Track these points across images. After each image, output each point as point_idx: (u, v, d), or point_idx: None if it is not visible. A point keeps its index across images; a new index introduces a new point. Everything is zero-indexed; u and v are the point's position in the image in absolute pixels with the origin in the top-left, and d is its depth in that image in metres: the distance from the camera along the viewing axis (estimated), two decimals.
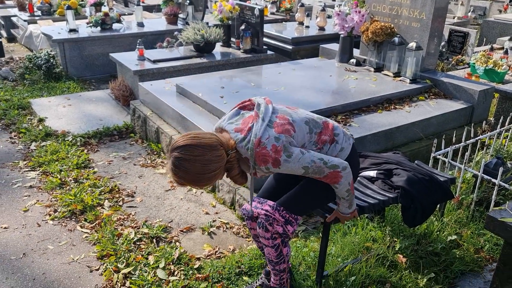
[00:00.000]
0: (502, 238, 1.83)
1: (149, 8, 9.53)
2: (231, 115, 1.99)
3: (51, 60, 6.00)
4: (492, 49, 6.34)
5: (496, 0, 11.73)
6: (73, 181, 3.56)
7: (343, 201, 2.07)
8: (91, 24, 6.48)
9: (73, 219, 3.12)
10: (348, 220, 2.20)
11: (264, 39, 6.30)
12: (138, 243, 2.86)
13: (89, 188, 3.45)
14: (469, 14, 10.03)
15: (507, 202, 1.86)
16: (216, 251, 2.82)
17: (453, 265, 2.58)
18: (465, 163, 3.02)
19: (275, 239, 2.07)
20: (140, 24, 6.99)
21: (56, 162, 3.82)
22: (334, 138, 2.03)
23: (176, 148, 1.80)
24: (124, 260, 2.68)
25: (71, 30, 6.32)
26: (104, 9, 7.42)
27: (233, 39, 6.06)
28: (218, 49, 5.90)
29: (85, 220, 3.10)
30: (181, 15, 7.22)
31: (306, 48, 6.71)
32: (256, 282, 2.41)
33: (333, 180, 1.94)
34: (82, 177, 3.62)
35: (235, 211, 3.22)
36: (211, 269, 2.59)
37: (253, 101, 1.99)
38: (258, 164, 1.83)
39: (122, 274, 2.57)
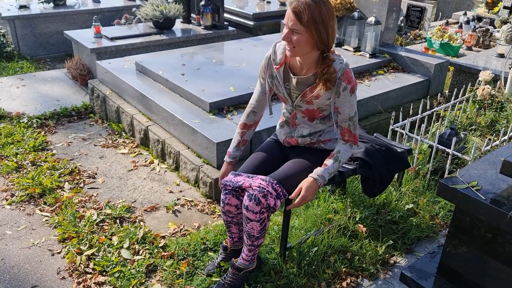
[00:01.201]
0: (453, 203, 1.92)
1: None
2: None
3: (1, 39, 5.72)
4: (447, 23, 6.51)
5: None
6: (30, 164, 3.45)
7: (335, 165, 2.11)
8: (43, 0, 6.18)
9: (32, 203, 3.03)
10: (307, 200, 2.12)
11: (225, 15, 6.21)
12: (101, 225, 2.82)
13: (48, 171, 3.36)
14: None
15: (458, 170, 1.95)
16: (181, 229, 2.83)
17: (410, 232, 2.69)
18: (421, 134, 3.13)
19: (263, 213, 2.06)
20: (96, 0, 6.72)
21: (11, 145, 3.68)
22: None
23: None
24: (87, 242, 2.64)
25: (21, 7, 6.01)
26: None
27: (193, 15, 5.94)
28: (178, 25, 5.78)
29: (45, 203, 3.03)
30: None
31: (268, 24, 6.68)
32: (217, 258, 2.43)
33: (355, 141, 2.16)
34: (40, 160, 3.52)
35: (199, 188, 3.22)
36: (176, 247, 2.59)
37: None
38: (343, 79, 1.98)
39: (85, 255, 2.53)
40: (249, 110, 2.35)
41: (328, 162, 2.12)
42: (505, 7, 6.24)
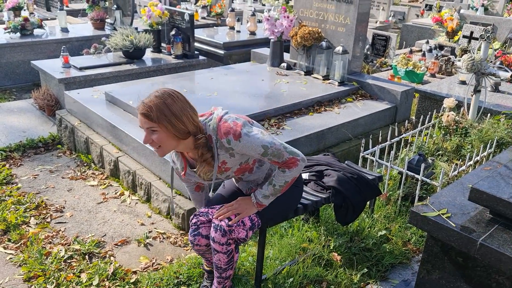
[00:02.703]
0: (425, 231, 1.95)
1: (74, 13, 9.11)
2: None
3: None
4: (411, 51, 6.76)
5: (414, 5, 12.54)
6: None
7: (270, 189, 2.04)
8: (10, 30, 6.08)
9: None
10: (237, 210, 2.07)
11: (196, 44, 6.26)
12: (69, 261, 2.72)
13: (13, 206, 3.23)
14: (390, 18, 10.63)
15: (429, 196, 1.99)
16: (153, 263, 2.75)
17: (384, 259, 2.71)
18: (390, 160, 3.19)
19: (229, 245, 2.04)
20: (65, 30, 6.67)
21: None
22: None
23: (166, 88, 1.91)
24: (54, 280, 2.53)
25: None
26: (24, 13, 6.97)
27: (163, 45, 5.96)
28: (149, 55, 5.78)
29: (9, 240, 2.90)
30: (108, 20, 6.98)
31: (238, 52, 6.76)
32: (204, 283, 2.40)
33: (289, 165, 1.98)
34: (4, 194, 3.38)
35: (171, 220, 3.16)
36: (148, 282, 2.52)
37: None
38: (220, 137, 1.90)
39: None
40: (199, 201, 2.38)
41: (264, 185, 2.09)
42: (464, 36, 6.55)
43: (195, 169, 2.05)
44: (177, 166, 2.13)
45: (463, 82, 4.95)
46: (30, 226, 3.04)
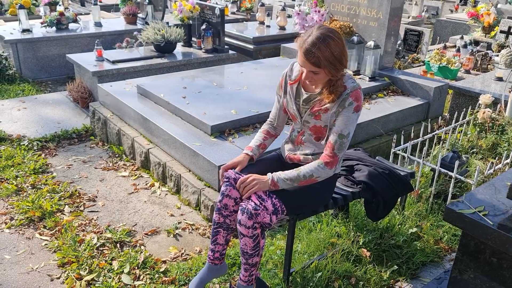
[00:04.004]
0: (460, 228, 1.90)
1: (107, 8, 9.31)
2: None
3: (4, 62, 5.76)
4: (445, 47, 6.60)
5: (448, 0, 12.21)
6: (30, 187, 3.42)
7: (293, 174, 2.10)
8: (46, 24, 6.25)
9: (31, 227, 3.00)
10: (251, 184, 2.09)
11: (226, 38, 6.28)
12: (101, 249, 2.78)
13: (48, 194, 3.33)
14: (423, 13, 10.39)
15: (464, 194, 1.94)
16: (182, 253, 2.79)
17: (414, 256, 2.66)
18: (423, 157, 3.13)
19: (255, 229, 2.04)
20: (98, 24, 6.81)
21: (12, 168, 3.66)
22: None
23: (323, 27, 2.01)
24: (87, 267, 2.60)
25: (24, 30, 6.08)
26: (59, 8, 7.18)
27: (194, 39, 6.01)
28: (179, 49, 5.84)
29: (44, 227, 2.99)
30: (140, 15, 7.09)
31: (268, 47, 6.75)
32: None
33: (329, 162, 2.11)
34: (40, 183, 3.49)
35: (200, 212, 3.19)
36: (177, 272, 2.55)
37: None
38: (350, 96, 2.05)
39: (85, 281, 2.49)
40: (269, 125, 2.43)
41: (290, 170, 2.14)
42: (501, 32, 6.33)
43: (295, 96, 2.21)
44: (290, 74, 2.25)
45: (500, 79, 4.79)
46: (65, 214, 3.13)
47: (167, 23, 6.12)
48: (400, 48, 6.36)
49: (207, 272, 2.30)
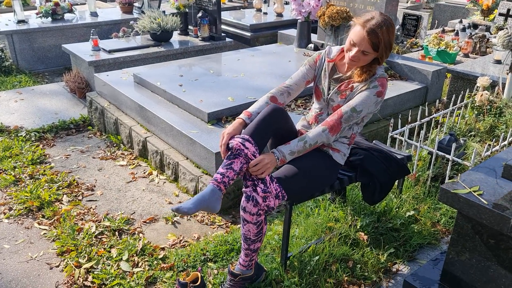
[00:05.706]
0: (455, 209, 1.90)
1: None
2: None
3: (0, 53, 5.73)
4: (443, 31, 6.54)
5: None
6: (28, 178, 3.43)
7: (300, 145, 2.11)
8: (41, 15, 6.21)
9: (30, 216, 3.01)
10: (262, 166, 2.02)
11: (223, 26, 6.24)
12: (99, 237, 2.79)
13: (46, 184, 3.34)
14: None
15: (459, 174, 1.94)
16: (181, 240, 2.80)
17: (411, 239, 2.67)
18: (420, 141, 3.12)
19: (260, 216, 2.05)
20: (94, 14, 6.76)
21: (10, 159, 3.66)
22: None
23: (384, 14, 2.08)
24: (86, 255, 2.61)
25: (19, 21, 6.04)
26: None
27: (190, 27, 5.97)
28: (176, 37, 5.81)
29: (43, 216, 3.00)
30: (136, 4, 7.04)
31: (265, 34, 6.71)
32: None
33: (334, 127, 2.15)
34: (38, 173, 3.50)
35: None
36: (176, 258, 2.57)
37: None
38: (377, 80, 2.14)
39: (84, 269, 2.50)
40: (284, 89, 2.36)
41: (293, 141, 2.14)
42: (500, 14, 6.28)
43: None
44: (329, 52, 2.31)
45: (498, 62, 4.76)
46: (63, 204, 3.14)
47: (164, 11, 6.07)
48: (398, 33, 6.31)
49: (210, 193, 2.01)
